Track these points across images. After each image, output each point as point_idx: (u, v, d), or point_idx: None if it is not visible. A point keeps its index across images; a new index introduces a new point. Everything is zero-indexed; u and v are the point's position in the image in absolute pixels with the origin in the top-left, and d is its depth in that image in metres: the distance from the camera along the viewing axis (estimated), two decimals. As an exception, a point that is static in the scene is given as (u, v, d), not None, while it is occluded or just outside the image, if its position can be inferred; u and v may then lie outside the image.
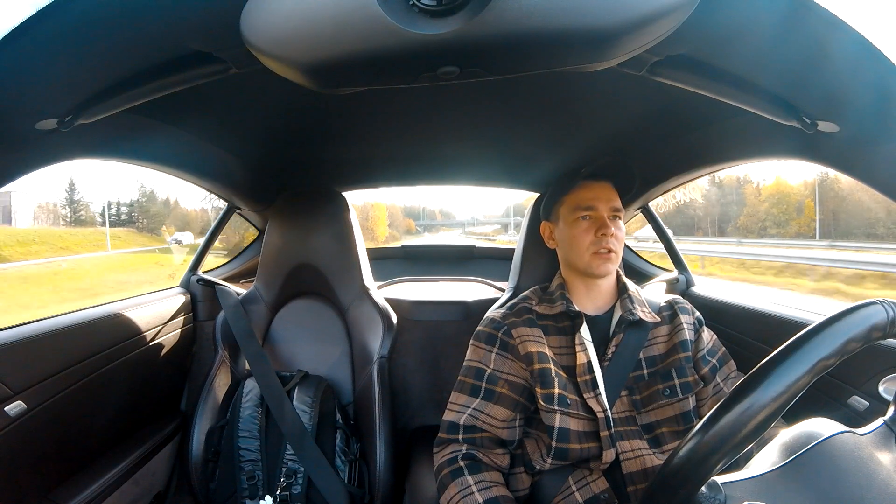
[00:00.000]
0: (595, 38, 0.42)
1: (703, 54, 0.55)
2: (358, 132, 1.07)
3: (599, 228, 0.87)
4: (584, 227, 0.89)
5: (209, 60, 0.55)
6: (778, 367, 0.39)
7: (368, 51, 0.43)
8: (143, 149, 0.92)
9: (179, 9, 0.47)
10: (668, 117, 0.94)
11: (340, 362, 1.25)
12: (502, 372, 0.86)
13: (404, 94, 0.85)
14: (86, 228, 29.69)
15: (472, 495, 0.75)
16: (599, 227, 0.87)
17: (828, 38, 0.47)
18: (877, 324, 0.41)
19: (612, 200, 0.90)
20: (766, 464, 0.45)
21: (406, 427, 1.46)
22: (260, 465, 1.01)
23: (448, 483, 0.78)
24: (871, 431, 0.46)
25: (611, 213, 0.89)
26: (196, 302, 1.37)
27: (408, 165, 1.39)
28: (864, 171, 0.66)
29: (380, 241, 49.55)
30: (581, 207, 0.89)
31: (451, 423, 0.85)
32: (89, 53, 0.52)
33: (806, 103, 0.60)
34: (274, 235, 1.29)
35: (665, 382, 0.83)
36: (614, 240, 0.87)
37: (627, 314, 0.87)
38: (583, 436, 0.80)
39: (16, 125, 0.60)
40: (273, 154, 1.20)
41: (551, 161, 1.29)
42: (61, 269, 18.12)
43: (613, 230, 0.87)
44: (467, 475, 0.78)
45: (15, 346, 0.80)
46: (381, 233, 58.70)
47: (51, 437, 0.88)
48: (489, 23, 0.40)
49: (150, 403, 1.20)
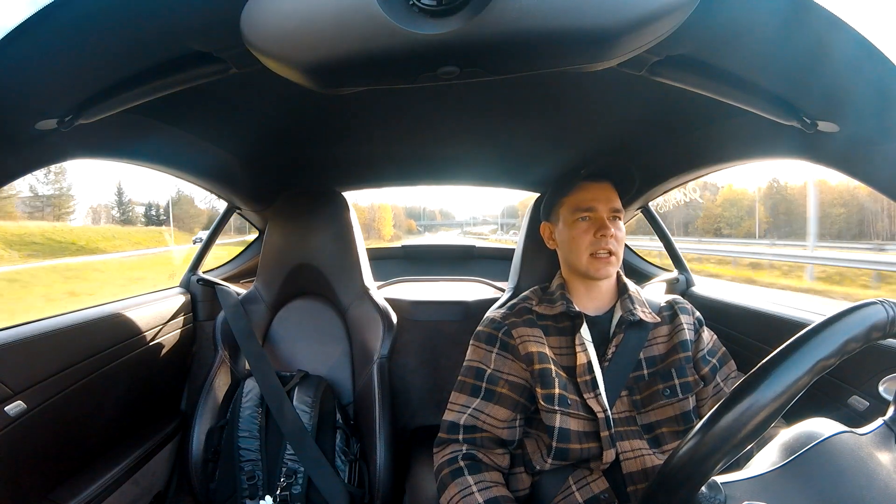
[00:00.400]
0: (595, 38, 0.42)
1: (703, 54, 0.55)
2: (358, 132, 1.07)
3: (599, 229, 0.87)
4: (583, 228, 0.89)
5: (209, 60, 0.55)
6: (778, 366, 0.39)
7: (368, 51, 0.43)
8: (143, 149, 0.92)
9: (179, 9, 0.47)
10: (668, 117, 0.94)
11: (340, 362, 1.25)
12: (502, 372, 0.86)
13: (404, 94, 0.85)
14: (145, 227, 31.68)
15: (472, 495, 0.75)
16: (599, 228, 0.87)
17: (828, 38, 0.47)
18: (876, 323, 0.41)
19: (612, 201, 0.89)
20: (766, 464, 0.45)
21: (406, 427, 1.46)
22: (260, 465, 1.01)
23: (448, 483, 0.78)
24: (871, 431, 0.46)
25: (610, 214, 0.88)
26: (196, 302, 1.37)
27: (408, 165, 1.39)
28: (864, 171, 0.66)
29: (385, 239, 52.42)
30: (580, 208, 0.89)
31: (451, 423, 0.85)
32: (89, 53, 0.51)
33: (806, 103, 0.60)
34: (274, 235, 1.29)
35: (665, 382, 0.83)
36: (614, 241, 0.87)
37: (628, 314, 0.87)
38: (583, 436, 0.80)
39: (16, 125, 0.60)
40: (273, 154, 1.20)
41: (551, 161, 1.28)
42: (156, 257, 19.37)
43: (613, 231, 0.87)
44: (467, 475, 0.78)
45: (15, 346, 0.80)
46: (387, 232, 61.91)
47: (51, 437, 0.88)
48: (489, 23, 0.40)
49: (150, 403, 1.20)
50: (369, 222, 61.19)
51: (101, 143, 0.80)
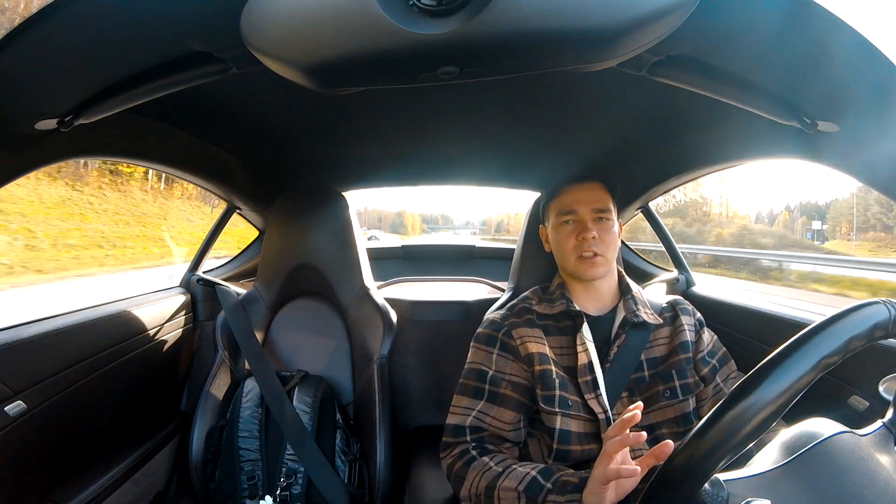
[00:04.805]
0: (595, 38, 0.42)
1: (703, 54, 0.55)
2: (358, 132, 1.07)
3: (580, 231, 0.87)
4: (567, 231, 0.89)
5: (209, 60, 0.55)
6: (783, 363, 0.39)
7: (368, 51, 0.43)
8: (143, 149, 0.92)
9: (179, 9, 0.47)
10: (668, 117, 0.94)
11: (340, 362, 1.25)
12: (504, 373, 0.86)
13: (404, 94, 0.85)
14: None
15: (490, 469, 0.74)
16: (581, 231, 0.87)
17: (828, 38, 0.47)
18: (879, 322, 0.41)
19: (596, 202, 0.88)
20: (767, 462, 0.45)
21: (406, 427, 1.46)
22: (260, 465, 1.01)
23: (464, 473, 0.77)
24: (871, 433, 0.46)
25: (593, 216, 0.88)
26: (196, 302, 1.37)
27: (408, 165, 1.39)
28: (864, 171, 0.66)
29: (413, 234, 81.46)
30: (563, 211, 0.90)
31: (455, 426, 0.84)
32: (89, 53, 0.52)
33: (806, 103, 0.60)
34: (274, 235, 1.29)
35: (665, 384, 0.83)
36: (599, 242, 0.86)
37: (631, 315, 0.87)
38: (584, 437, 0.80)
39: (16, 125, 0.60)
40: (273, 154, 1.20)
41: (551, 161, 1.28)
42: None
43: (595, 233, 0.86)
44: (481, 458, 0.77)
45: (15, 346, 0.80)
46: (414, 231, 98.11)
47: (51, 437, 0.88)
48: (489, 22, 0.40)
49: (150, 403, 1.20)
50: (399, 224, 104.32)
51: (101, 143, 0.80)
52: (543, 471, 0.70)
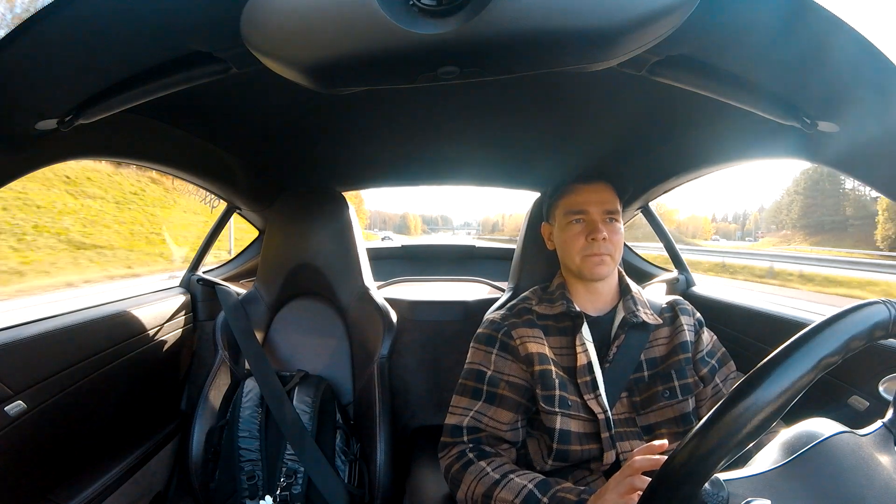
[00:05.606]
0: (595, 38, 0.42)
1: (703, 54, 0.55)
2: (358, 132, 1.07)
3: (591, 232, 0.87)
4: (576, 231, 0.88)
5: (209, 60, 0.55)
6: (783, 363, 0.39)
7: (368, 51, 0.43)
8: (143, 149, 0.92)
9: (179, 9, 0.47)
10: (668, 117, 0.94)
11: (340, 362, 1.25)
12: (503, 374, 0.86)
13: (404, 94, 0.85)
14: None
15: (487, 475, 0.74)
16: (591, 231, 0.87)
17: (828, 38, 0.47)
18: (879, 322, 0.41)
19: (606, 203, 0.89)
20: (767, 462, 0.45)
21: (406, 427, 1.46)
22: (260, 465, 1.01)
23: (461, 476, 0.77)
24: (871, 433, 0.46)
25: (604, 216, 0.88)
26: (196, 302, 1.37)
27: (408, 165, 1.39)
28: (864, 171, 0.66)
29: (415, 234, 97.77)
30: (573, 211, 0.89)
31: (453, 426, 0.84)
32: (89, 53, 0.51)
33: (806, 103, 0.60)
34: (274, 235, 1.29)
35: (665, 384, 0.83)
36: (608, 243, 0.86)
37: (631, 316, 0.87)
38: (583, 437, 0.80)
39: (16, 125, 0.60)
40: (273, 154, 1.20)
41: (551, 161, 1.28)
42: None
43: (605, 234, 0.86)
44: (478, 462, 0.78)
45: (15, 346, 0.80)
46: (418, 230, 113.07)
47: (51, 437, 0.88)
48: (489, 22, 0.40)
49: (150, 403, 1.20)
50: (402, 226, 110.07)
51: (101, 143, 0.80)
52: (541, 484, 0.70)
